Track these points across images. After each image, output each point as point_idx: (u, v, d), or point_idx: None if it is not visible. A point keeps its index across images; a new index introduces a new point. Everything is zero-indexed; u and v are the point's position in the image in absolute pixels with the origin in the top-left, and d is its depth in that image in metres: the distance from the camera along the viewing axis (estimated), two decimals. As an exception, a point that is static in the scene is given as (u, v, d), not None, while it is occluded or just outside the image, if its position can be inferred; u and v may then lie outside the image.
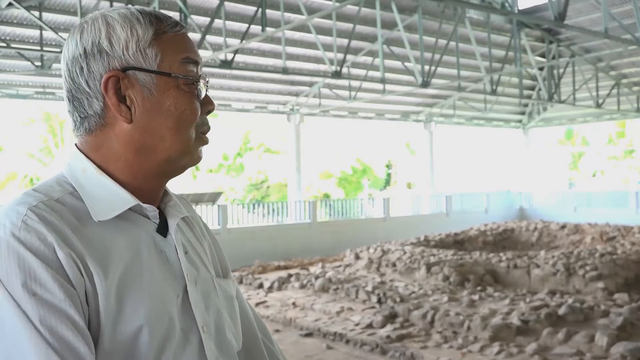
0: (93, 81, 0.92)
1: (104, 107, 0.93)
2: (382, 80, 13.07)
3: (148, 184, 0.97)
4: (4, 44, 10.28)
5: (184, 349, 0.92)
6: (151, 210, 0.96)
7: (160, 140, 0.94)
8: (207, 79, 1.00)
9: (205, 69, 10.32)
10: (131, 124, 0.93)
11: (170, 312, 0.91)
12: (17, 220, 0.83)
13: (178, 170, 0.99)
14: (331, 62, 12.67)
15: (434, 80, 14.04)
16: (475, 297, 7.89)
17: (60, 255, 0.82)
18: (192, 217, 1.12)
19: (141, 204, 0.95)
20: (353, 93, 15.49)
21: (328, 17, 11.95)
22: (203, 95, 0.99)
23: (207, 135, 1.02)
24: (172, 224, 0.99)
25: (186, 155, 0.97)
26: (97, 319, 0.84)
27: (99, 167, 0.94)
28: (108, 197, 0.92)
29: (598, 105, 17.51)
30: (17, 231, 0.82)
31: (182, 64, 0.96)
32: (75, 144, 0.97)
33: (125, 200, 0.93)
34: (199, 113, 0.97)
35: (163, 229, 0.98)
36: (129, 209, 0.94)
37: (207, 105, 0.99)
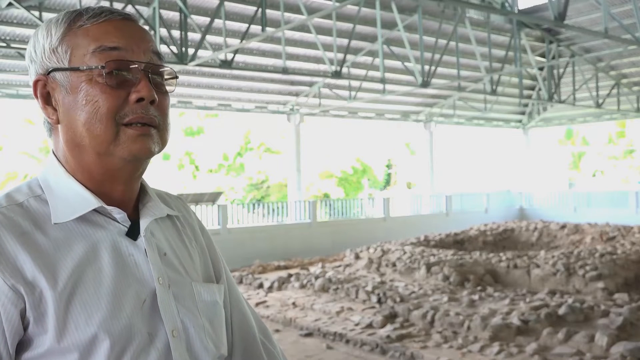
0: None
1: None
2: (382, 80, 13.07)
3: (104, 185, 0.95)
4: (4, 44, 10.28)
5: (148, 352, 0.90)
6: (117, 212, 0.95)
7: (82, 136, 0.92)
8: (148, 64, 0.94)
9: (203, 69, 10.17)
10: (59, 124, 0.94)
11: (132, 316, 0.90)
12: None
13: (121, 165, 0.94)
14: (331, 62, 12.67)
15: (434, 80, 14.03)
16: (475, 297, 7.89)
17: None
18: (184, 218, 1.11)
19: (105, 206, 0.93)
20: (353, 93, 15.49)
21: (328, 17, 11.95)
22: (134, 81, 0.92)
23: (146, 128, 0.93)
24: (143, 225, 0.97)
25: (114, 148, 0.91)
26: (42, 325, 0.85)
27: (66, 169, 0.96)
28: (72, 199, 0.92)
29: (598, 105, 17.51)
30: None
31: (94, 54, 0.92)
32: (52, 149, 1.00)
33: (88, 202, 0.92)
34: (116, 103, 0.91)
35: (135, 231, 0.96)
36: (97, 211, 0.93)
37: (134, 92, 0.92)
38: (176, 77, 1.00)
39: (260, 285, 9.65)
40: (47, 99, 0.94)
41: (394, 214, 17.48)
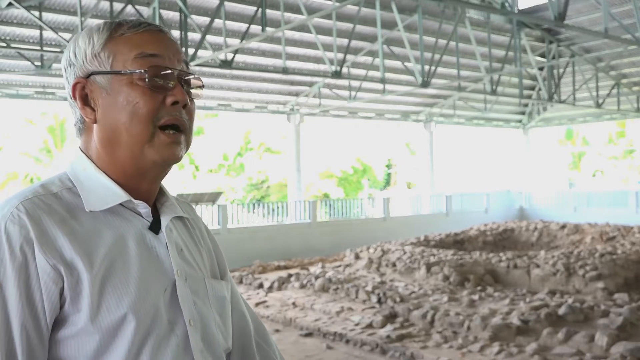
0: (71, 91, 1.04)
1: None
2: (382, 80, 13.07)
3: (131, 182, 1.03)
4: (4, 44, 10.27)
5: (169, 338, 0.98)
6: (143, 207, 1.03)
7: (119, 135, 1.00)
8: (181, 72, 1.03)
9: (203, 69, 10.19)
10: (97, 123, 1.02)
11: (156, 303, 0.97)
12: (7, 211, 0.93)
13: (150, 166, 1.02)
14: (331, 62, 12.67)
15: (434, 80, 14.03)
16: (475, 297, 7.89)
17: (37, 250, 0.91)
18: (193, 220, 1.19)
19: (132, 199, 1.02)
20: (353, 93, 15.49)
21: (328, 17, 11.95)
22: (170, 86, 1.01)
23: (179, 135, 1.03)
24: (164, 222, 1.05)
25: (148, 149, 1.00)
26: (77, 305, 0.92)
27: (96, 165, 1.04)
28: (102, 192, 1.00)
29: (598, 105, 17.51)
30: (4, 222, 0.92)
31: (135, 59, 1.00)
32: (79, 146, 1.08)
33: (117, 195, 1.00)
34: (155, 105, 1.00)
35: (156, 226, 1.04)
36: (123, 206, 1.01)
37: (170, 96, 1.01)
38: (202, 86, 1.11)
39: (260, 285, 9.65)
40: (85, 100, 1.02)
41: (394, 214, 17.47)
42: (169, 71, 1.01)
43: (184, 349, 0.99)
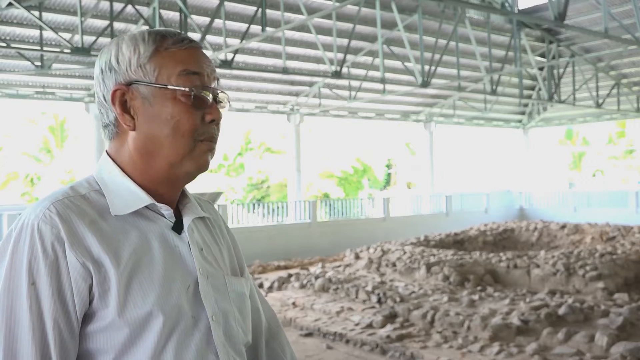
0: (107, 95, 1.07)
1: (116, 117, 1.07)
2: (382, 80, 13.06)
3: (160, 188, 1.08)
4: (4, 44, 10.27)
5: (193, 333, 1.03)
6: (166, 209, 1.08)
7: (160, 146, 1.05)
8: (214, 89, 1.08)
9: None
10: (135, 131, 1.06)
11: (179, 300, 1.02)
12: (40, 212, 0.97)
13: (183, 176, 1.09)
14: (331, 62, 12.68)
15: (434, 80, 14.03)
16: (475, 297, 7.88)
17: (68, 248, 0.95)
18: (214, 219, 1.25)
19: (156, 203, 1.06)
20: (353, 93, 15.49)
21: (328, 17, 11.95)
22: (209, 104, 1.06)
23: (212, 144, 1.09)
24: (186, 222, 1.11)
25: (186, 161, 1.06)
26: (105, 301, 0.97)
27: (122, 169, 1.08)
28: (127, 195, 1.05)
29: (598, 105, 17.51)
30: (37, 221, 0.96)
31: (180, 76, 1.04)
32: (106, 150, 1.12)
33: (141, 199, 1.05)
34: (197, 122, 1.05)
35: (179, 227, 1.09)
36: (147, 207, 1.06)
37: (208, 115, 1.06)
38: (229, 100, 1.15)
39: (260, 285, 9.65)
40: (124, 107, 1.05)
41: (394, 214, 17.47)
42: (208, 91, 1.06)
43: (207, 343, 1.04)
